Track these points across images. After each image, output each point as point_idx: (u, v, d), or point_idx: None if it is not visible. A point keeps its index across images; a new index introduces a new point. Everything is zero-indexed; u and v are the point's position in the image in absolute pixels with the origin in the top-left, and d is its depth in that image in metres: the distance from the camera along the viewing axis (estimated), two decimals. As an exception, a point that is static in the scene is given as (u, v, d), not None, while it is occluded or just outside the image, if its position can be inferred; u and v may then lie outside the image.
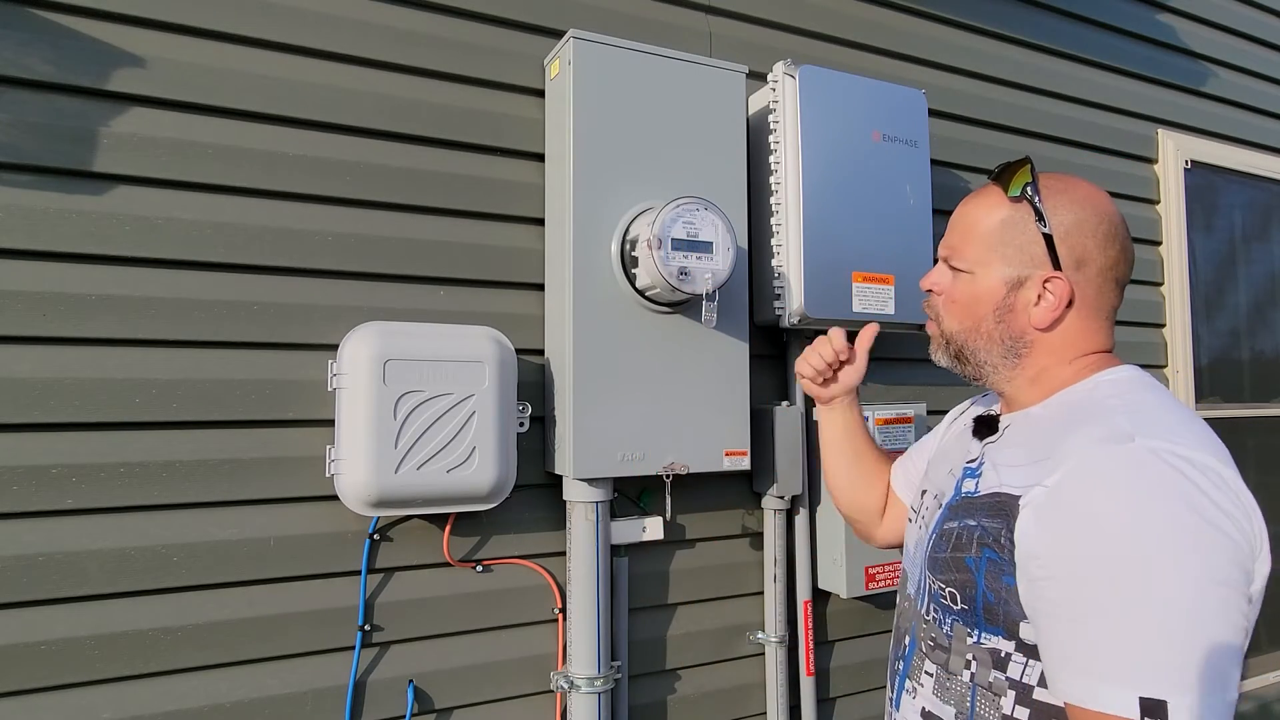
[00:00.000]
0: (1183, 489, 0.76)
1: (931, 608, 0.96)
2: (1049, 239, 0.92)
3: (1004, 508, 0.86)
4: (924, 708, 0.95)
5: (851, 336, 1.29)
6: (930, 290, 1.04)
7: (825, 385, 1.30)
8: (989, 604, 0.87)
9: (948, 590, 0.92)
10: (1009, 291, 0.95)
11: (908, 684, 0.99)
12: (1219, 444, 0.82)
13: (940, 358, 1.04)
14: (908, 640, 1.01)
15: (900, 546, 1.30)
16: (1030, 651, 0.84)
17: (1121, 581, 0.75)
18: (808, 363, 1.28)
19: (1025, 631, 0.84)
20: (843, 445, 1.32)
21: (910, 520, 1.13)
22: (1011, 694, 0.86)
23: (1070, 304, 0.93)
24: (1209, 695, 0.71)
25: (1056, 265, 0.92)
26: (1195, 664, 0.72)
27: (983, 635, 0.88)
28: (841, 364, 1.28)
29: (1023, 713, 0.84)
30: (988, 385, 1.01)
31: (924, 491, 1.11)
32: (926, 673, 0.96)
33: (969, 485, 0.96)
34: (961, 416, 1.20)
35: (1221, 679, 0.72)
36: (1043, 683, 0.83)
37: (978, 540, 0.89)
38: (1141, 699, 0.72)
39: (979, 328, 0.97)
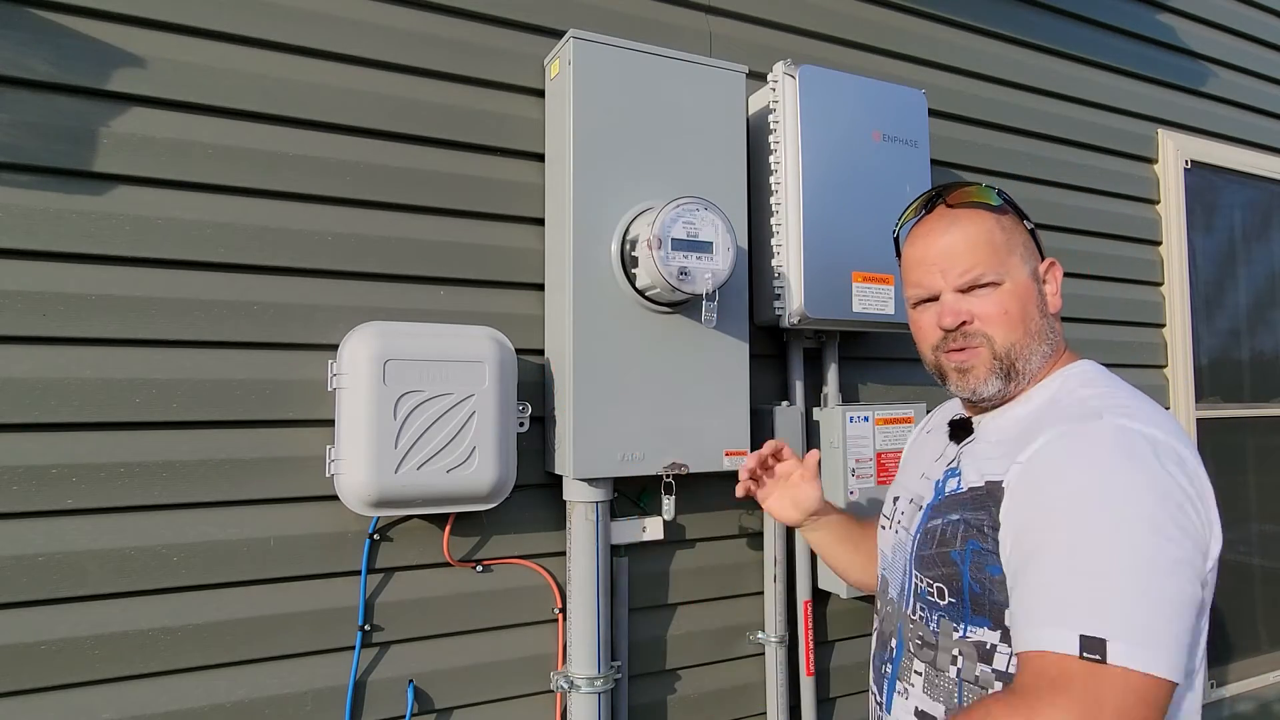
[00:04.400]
0: (1145, 460, 0.80)
1: (918, 606, 0.97)
2: (1033, 232, 1.04)
3: (987, 497, 0.89)
4: (916, 707, 0.96)
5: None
6: (963, 324, 0.99)
7: (780, 505, 1.33)
8: (975, 594, 0.89)
9: (935, 586, 0.94)
10: (1038, 284, 1.01)
11: (899, 685, 1.00)
12: (1179, 428, 0.88)
13: (991, 384, 0.98)
14: (894, 643, 1.03)
15: None
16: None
17: (1078, 536, 0.78)
18: (745, 466, 1.33)
19: (1010, 619, 0.85)
20: (837, 550, 1.33)
21: (884, 528, 1.14)
22: (999, 685, 0.87)
23: None
24: (1155, 643, 0.72)
25: (1042, 254, 1.04)
26: (1142, 611, 0.73)
27: (969, 628, 0.90)
28: (771, 469, 1.33)
29: None
30: (1013, 397, 0.99)
31: (895, 498, 1.13)
32: (916, 672, 0.97)
33: (951, 485, 0.98)
34: (919, 432, 1.24)
35: (1172, 634, 0.73)
36: None
37: (962, 533, 0.91)
38: (1081, 636, 0.73)
39: (1030, 327, 0.98)
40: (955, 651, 0.92)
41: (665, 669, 1.69)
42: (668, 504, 1.59)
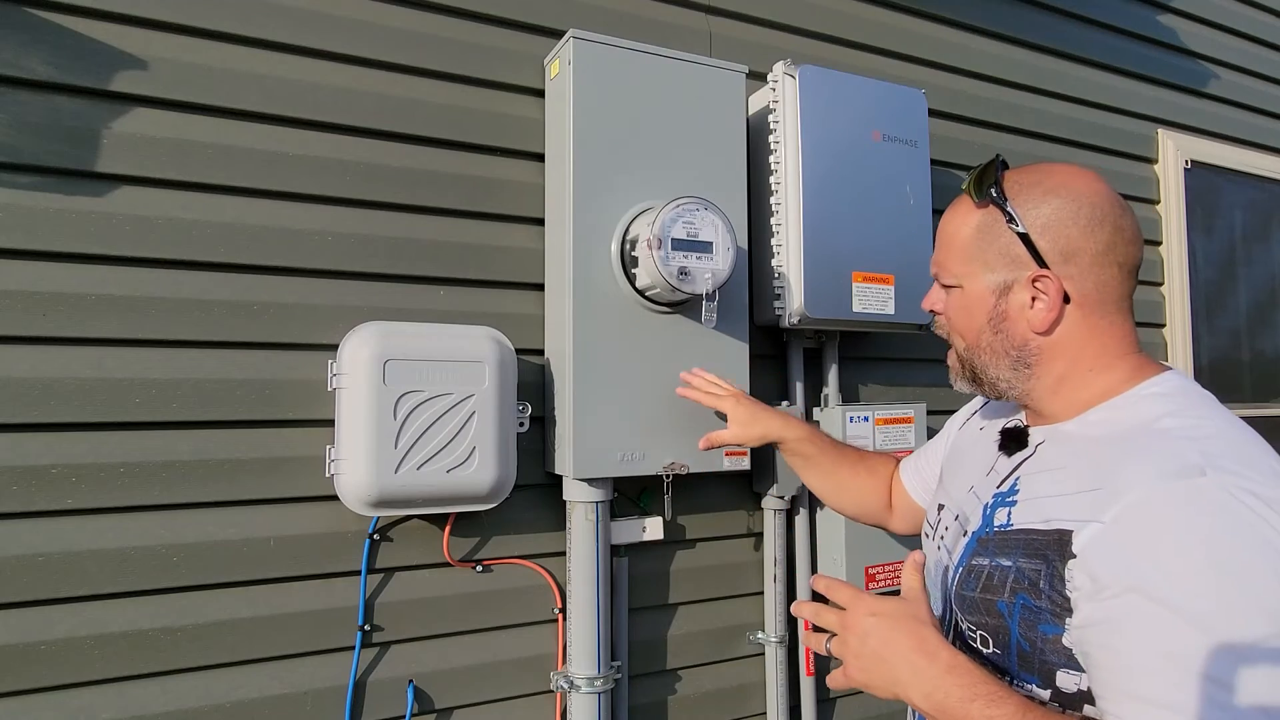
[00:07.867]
0: (1263, 537, 0.69)
1: (959, 644, 0.90)
2: (1025, 237, 0.87)
3: (1046, 547, 0.80)
4: None
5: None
6: (934, 312, 0.99)
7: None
8: (1024, 652, 0.82)
9: (978, 634, 0.87)
10: (998, 298, 0.89)
11: None
12: None
13: (961, 384, 0.98)
14: None
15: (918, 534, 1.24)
16: (1067, 700, 0.79)
17: (1190, 635, 0.69)
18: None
19: (1063, 680, 0.79)
20: (810, 475, 1.37)
21: (927, 535, 1.07)
22: None
23: (1067, 300, 0.86)
24: None
25: (1042, 263, 0.86)
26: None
27: (1016, 682, 0.83)
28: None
29: None
30: (1013, 400, 0.95)
31: (940, 506, 1.06)
32: None
33: (1000, 516, 0.89)
34: (972, 419, 1.13)
35: None
36: None
37: (1011, 584, 0.83)
38: None
39: (979, 342, 0.92)
40: None
41: (665, 669, 1.69)
42: (668, 504, 1.60)
